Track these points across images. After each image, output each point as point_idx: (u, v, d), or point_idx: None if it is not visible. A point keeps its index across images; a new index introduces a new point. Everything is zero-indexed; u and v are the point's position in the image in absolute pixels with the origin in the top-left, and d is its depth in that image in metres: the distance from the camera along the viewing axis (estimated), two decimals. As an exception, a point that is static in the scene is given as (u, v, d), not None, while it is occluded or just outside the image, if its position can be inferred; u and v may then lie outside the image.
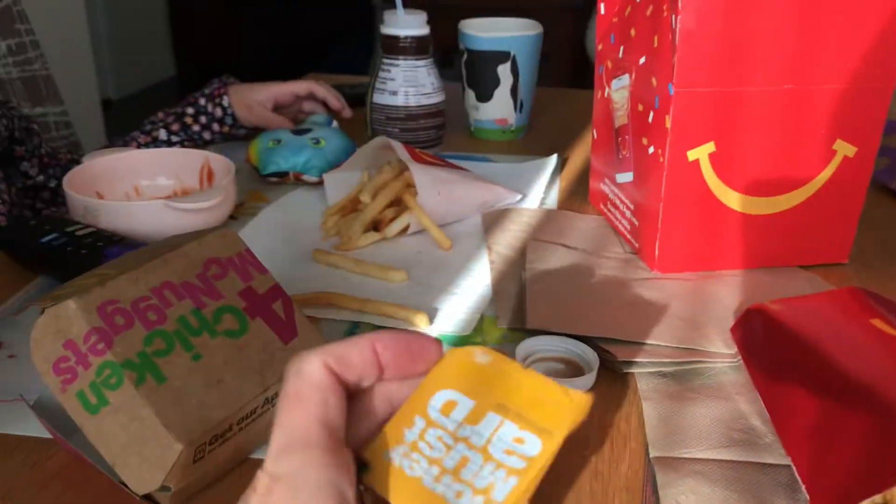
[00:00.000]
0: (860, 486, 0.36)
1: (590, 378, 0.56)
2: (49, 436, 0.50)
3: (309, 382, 0.29)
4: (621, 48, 0.75)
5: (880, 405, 0.39)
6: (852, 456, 0.38)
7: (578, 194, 0.90)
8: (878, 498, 0.38)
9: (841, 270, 0.74)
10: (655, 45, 0.68)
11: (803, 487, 0.41)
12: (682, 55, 0.64)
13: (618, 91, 0.77)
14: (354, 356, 0.30)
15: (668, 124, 0.66)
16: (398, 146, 0.81)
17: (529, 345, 0.60)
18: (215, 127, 1.00)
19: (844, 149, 0.70)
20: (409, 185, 0.80)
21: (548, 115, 1.17)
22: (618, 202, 0.79)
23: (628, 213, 0.77)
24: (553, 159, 0.95)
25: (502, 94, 1.04)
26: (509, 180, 0.91)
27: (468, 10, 2.30)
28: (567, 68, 2.93)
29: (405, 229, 0.79)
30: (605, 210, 0.83)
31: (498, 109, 1.05)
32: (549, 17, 2.35)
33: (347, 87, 1.21)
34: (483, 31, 1.01)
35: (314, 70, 1.73)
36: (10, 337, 0.62)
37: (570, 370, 0.59)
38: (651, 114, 0.70)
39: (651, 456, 0.50)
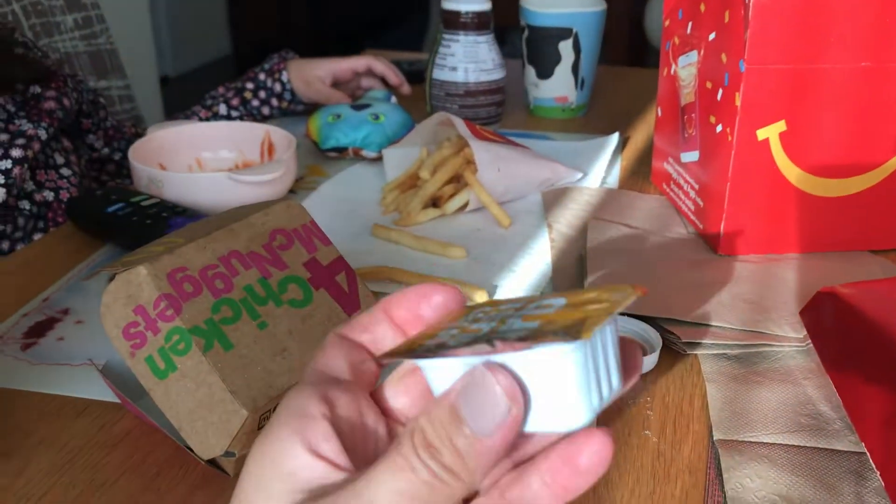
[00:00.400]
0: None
1: (653, 358, 0.55)
2: (116, 400, 0.51)
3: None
4: (689, 24, 0.74)
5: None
6: None
7: (640, 174, 0.89)
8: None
9: (915, 255, 0.72)
10: (727, 20, 0.66)
11: (878, 475, 0.40)
12: (755, 31, 0.62)
13: (685, 68, 0.75)
14: (364, 318, 0.30)
15: (738, 102, 0.65)
16: (459, 122, 0.81)
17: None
18: (274, 102, 1.01)
19: (922, 130, 0.68)
20: (469, 162, 0.80)
21: (608, 94, 1.15)
22: (682, 182, 0.78)
23: (692, 194, 0.75)
24: (615, 138, 0.94)
25: (563, 71, 1.02)
26: (569, 159, 0.89)
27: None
28: (624, 48, 2.88)
29: (464, 206, 0.78)
30: (668, 190, 0.81)
31: (558, 87, 1.04)
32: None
33: (406, 64, 1.21)
34: (545, 7, 1.00)
35: (371, 48, 1.73)
36: (77, 303, 0.64)
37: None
38: (720, 91, 0.68)
39: (715, 438, 0.49)
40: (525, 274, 0.68)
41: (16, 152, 0.78)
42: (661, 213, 0.78)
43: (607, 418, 0.51)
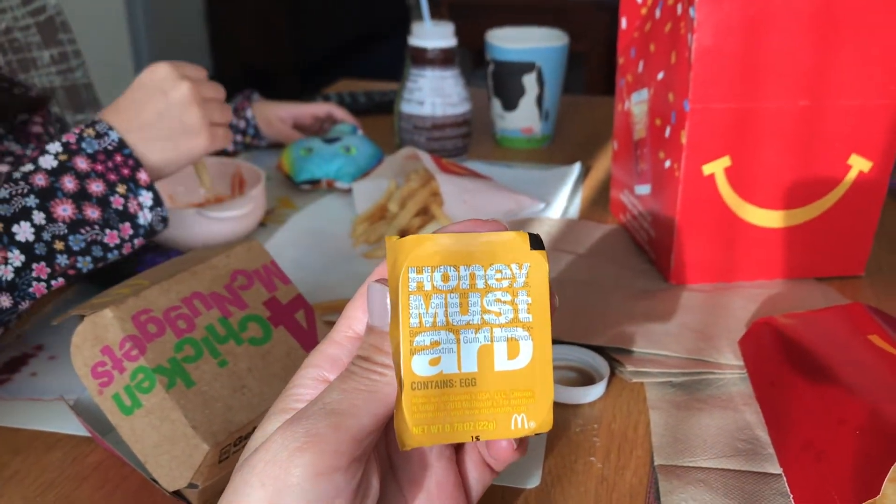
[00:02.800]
0: (845, 498, 0.38)
1: (600, 387, 0.58)
2: (87, 434, 0.53)
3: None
4: (641, 63, 0.77)
5: (870, 419, 0.41)
6: (841, 468, 0.40)
7: (600, 204, 0.92)
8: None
9: (857, 283, 0.75)
10: (673, 61, 0.69)
11: (790, 497, 0.43)
12: (698, 72, 0.66)
13: (637, 105, 0.79)
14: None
15: (684, 139, 0.68)
16: (425, 156, 0.84)
17: (543, 353, 0.62)
18: (238, 137, 1.04)
19: (860, 163, 0.71)
20: (436, 195, 0.83)
21: (574, 124, 1.19)
22: (636, 213, 0.81)
23: (646, 225, 0.78)
24: (576, 168, 0.97)
25: (528, 103, 1.06)
26: (533, 188, 0.93)
27: (504, 8, 2.31)
28: (602, 68, 2.93)
29: (429, 238, 0.81)
30: (625, 220, 0.85)
31: (523, 118, 1.07)
32: (584, 16, 2.36)
33: (378, 94, 1.24)
34: (509, 42, 1.04)
35: (349, 74, 1.76)
36: (50, 340, 0.66)
37: (581, 379, 0.61)
38: (668, 128, 0.71)
39: (656, 464, 0.52)
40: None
41: (2, 167, 0.80)
42: (618, 244, 0.82)
43: (556, 445, 0.54)
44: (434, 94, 0.99)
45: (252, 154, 1.06)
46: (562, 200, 0.90)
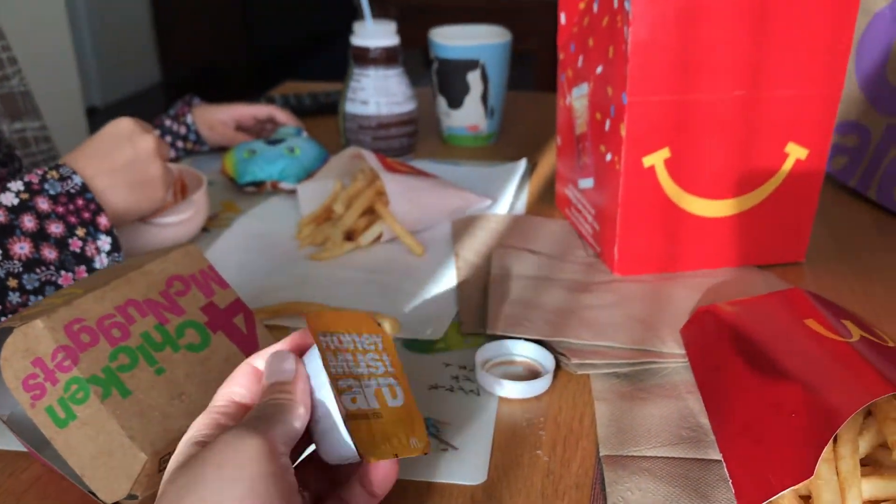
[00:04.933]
0: (781, 479, 0.38)
1: (545, 381, 0.58)
2: (24, 449, 0.52)
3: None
4: (581, 57, 0.78)
5: (805, 402, 0.42)
6: (777, 451, 0.41)
7: (546, 199, 0.93)
8: (802, 489, 0.40)
9: (798, 269, 0.77)
10: (611, 55, 0.70)
11: (730, 482, 0.44)
12: (635, 66, 0.66)
13: (578, 99, 0.79)
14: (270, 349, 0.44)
15: (623, 132, 0.69)
16: (369, 156, 0.83)
17: (489, 349, 0.62)
18: (179, 144, 1.03)
19: (797, 151, 0.73)
20: (381, 194, 0.82)
21: (520, 120, 1.19)
22: (581, 207, 0.81)
23: (590, 218, 0.79)
24: (522, 164, 0.98)
25: (472, 101, 1.06)
26: (480, 186, 0.93)
27: (454, 10, 2.31)
28: (550, 65, 2.94)
29: (378, 237, 0.81)
30: (570, 214, 0.85)
31: (469, 116, 1.07)
32: (533, 15, 2.37)
33: (322, 95, 1.23)
34: (452, 40, 1.03)
35: (302, 74, 1.74)
36: (-13, 352, 0.64)
37: (528, 373, 0.61)
38: (608, 122, 0.72)
39: (601, 454, 0.52)
40: (434, 302, 0.71)
41: None
42: (564, 238, 0.82)
43: (502, 441, 0.54)
44: (378, 94, 0.98)
45: (195, 159, 1.04)
46: (508, 197, 0.91)
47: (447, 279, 0.74)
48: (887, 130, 0.89)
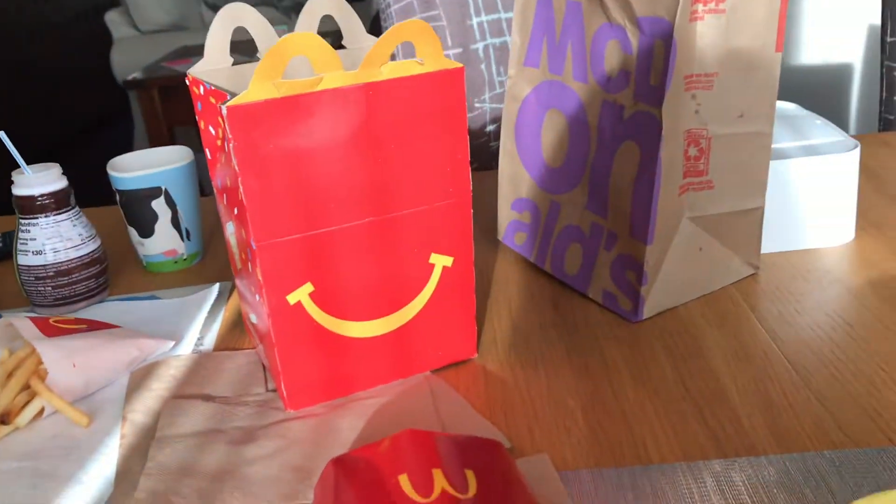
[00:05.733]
0: None
1: (183, 569, 0.56)
2: None
3: None
4: (224, 196, 0.77)
5: None
6: None
7: (241, 326, 0.91)
8: None
9: (470, 365, 0.79)
10: (240, 197, 0.69)
11: None
12: (253, 211, 0.66)
13: (231, 236, 0.78)
14: None
15: (260, 276, 0.68)
16: (23, 325, 0.78)
17: (133, 539, 0.59)
18: None
19: (441, 260, 0.75)
20: (41, 363, 0.78)
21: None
22: (255, 334, 0.80)
23: (263, 352, 0.78)
24: (215, 289, 0.96)
25: (163, 227, 1.03)
26: (173, 321, 0.90)
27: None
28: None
29: (41, 412, 0.76)
30: (256, 346, 0.84)
31: (163, 243, 1.04)
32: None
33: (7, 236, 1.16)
34: (130, 171, 1.00)
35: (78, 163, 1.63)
36: None
37: (176, 556, 0.58)
38: (248, 264, 0.71)
39: None
40: (91, 485, 0.67)
41: None
42: (247, 373, 0.80)
43: None
44: (52, 240, 0.93)
45: None
46: (195, 332, 0.88)
47: (110, 452, 0.71)
48: (552, 206, 0.94)
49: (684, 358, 0.77)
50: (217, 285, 0.97)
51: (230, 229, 0.78)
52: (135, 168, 1.01)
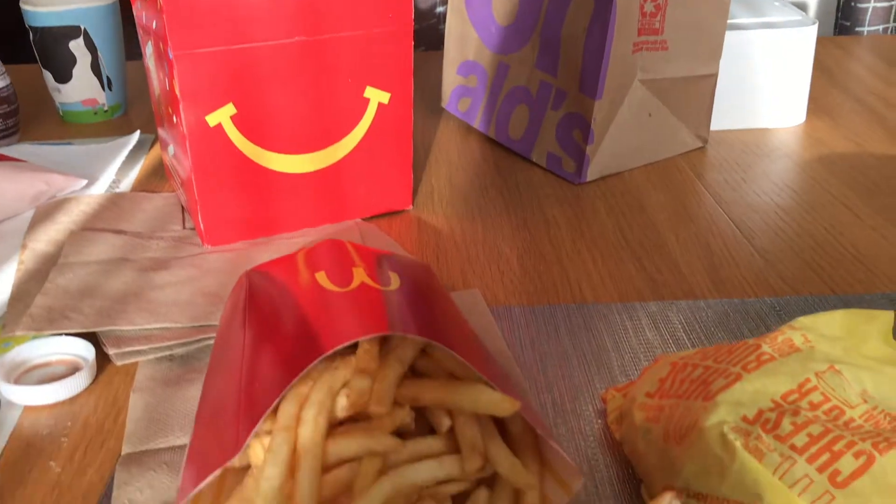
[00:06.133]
0: (218, 457, 0.34)
1: (75, 380, 0.51)
2: None
3: None
4: (144, 13, 0.70)
5: (248, 376, 0.38)
6: (215, 432, 0.37)
7: (161, 173, 0.85)
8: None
9: (405, 216, 0.75)
10: (159, 6, 0.63)
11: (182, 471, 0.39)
12: (171, 15, 0.60)
13: (150, 59, 0.72)
14: None
15: (178, 91, 0.62)
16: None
17: (22, 351, 0.54)
18: None
19: (377, 95, 0.70)
20: (-65, 188, 0.71)
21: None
22: (176, 176, 0.75)
23: (181, 187, 0.72)
24: (134, 137, 0.89)
25: (82, 72, 0.95)
26: (87, 164, 0.84)
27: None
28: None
29: (-68, 238, 0.69)
30: (176, 186, 0.78)
31: (82, 90, 0.96)
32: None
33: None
34: (46, 6, 0.92)
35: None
36: None
37: (71, 372, 0.54)
38: (166, 81, 0.65)
39: (123, 453, 0.46)
40: (-18, 306, 0.61)
41: None
42: (164, 212, 0.75)
43: (14, 456, 0.47)
44: (-45, 73, 0.86)
45: None
46: (110, 175, 0.82)
47: (5, 278, 0.65)
48: (500, 68, 0.89)
49: (626, 215, 0.74)
50: (137, 132, 0.90)
51: (148, 52, 0.72)
52: (52, 3, 0.92)
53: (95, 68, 0.96)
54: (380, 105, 0.70)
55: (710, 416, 0.39)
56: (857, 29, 1.42)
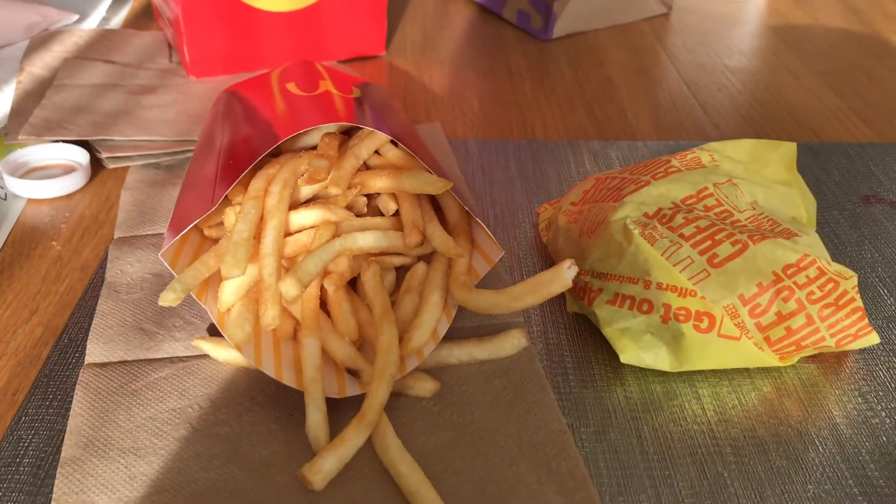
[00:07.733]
0: (192, 214, 0.41)
1: (73, 178, 0.58)
2: None
3: None
4: None
5: (245, 141, 0.44)
6: (207, 189, 0.43)
7: (150, 13, 0.89)
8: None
9: (378, 61, 0.80)
10: None
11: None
12: None
13: None
14: None
15: (165, -77, 0.66)
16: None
17: (24, 154, 0.60)
18: None
19: (355, -59, 0.73)
20: (-65, 12, 0.75)
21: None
22: (164, 12, 0.79)
23: (169, 22, 0.77)
24: (124, -23, 0.92)
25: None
26: (77, 0, 0.87)
27: None
28: None
29: (-66, 59, 0.74)
30: (162, 24, 0.82)
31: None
32: None
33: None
34: None
35: None
36: None
37: (67, 173, 0.60)
38: (154, -86, 0.69)
39: (115, 237, 0.53)
40: (-15, 119, 0.67)
41: None
42: (151, 48, 0.80)
43: (21, 236, 0.53)
44: None
45: None
46: (100, 11, 0.86)
47: (4, 96, 0.70)
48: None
49: (585, 69, 0.79)
50: (125, -27, 0.93)
51: None
52: None
53: None
54: (358, -50, 0.74)
55: (616, 213, 0.46)
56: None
